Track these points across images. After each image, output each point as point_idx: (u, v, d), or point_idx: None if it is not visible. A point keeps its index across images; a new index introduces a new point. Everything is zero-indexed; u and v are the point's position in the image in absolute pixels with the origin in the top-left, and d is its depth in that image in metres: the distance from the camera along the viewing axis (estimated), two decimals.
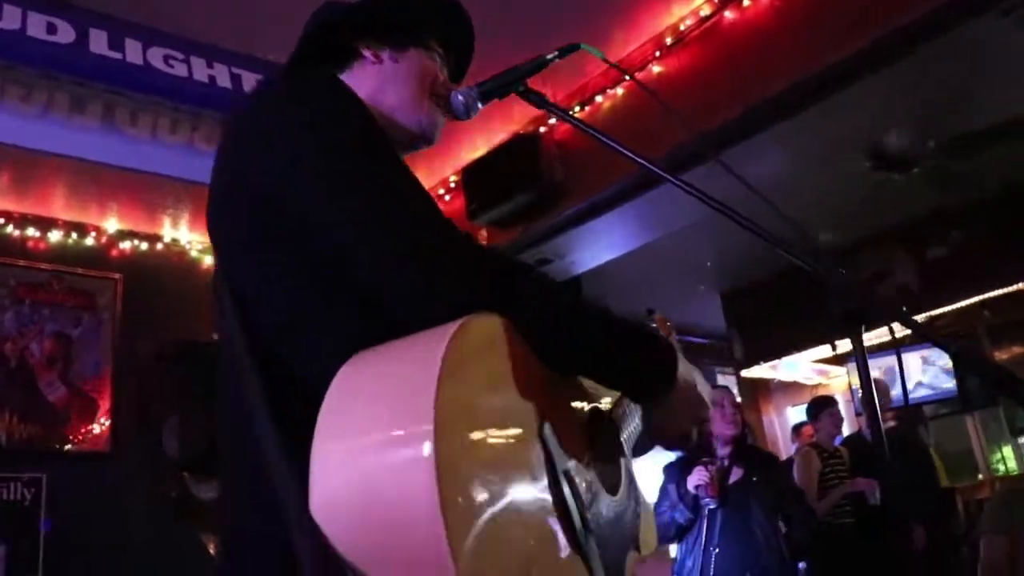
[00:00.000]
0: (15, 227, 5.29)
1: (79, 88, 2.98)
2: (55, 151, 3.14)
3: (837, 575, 4.99)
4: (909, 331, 1.42)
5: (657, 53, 4.41)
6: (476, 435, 0.94)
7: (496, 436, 0.99)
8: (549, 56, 1.55)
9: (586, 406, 1.34)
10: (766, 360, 7.35)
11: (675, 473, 4.16)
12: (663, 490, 4.22)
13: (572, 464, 1.13)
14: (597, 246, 5.50)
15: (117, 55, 2.76)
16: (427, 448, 0.84)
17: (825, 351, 7.17)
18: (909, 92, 4.37)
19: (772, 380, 8.13)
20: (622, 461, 1.42)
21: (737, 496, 3.99)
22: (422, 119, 1.47)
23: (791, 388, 8.56)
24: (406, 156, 1.36)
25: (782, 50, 3.84)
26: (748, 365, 7.52)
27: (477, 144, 5.26)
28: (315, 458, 0.90)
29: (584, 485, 1.16)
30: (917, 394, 6.95)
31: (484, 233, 5.22)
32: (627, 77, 4.34)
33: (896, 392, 6.17)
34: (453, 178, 5.46)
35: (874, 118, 4.64)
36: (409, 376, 0.93)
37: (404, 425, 0.88)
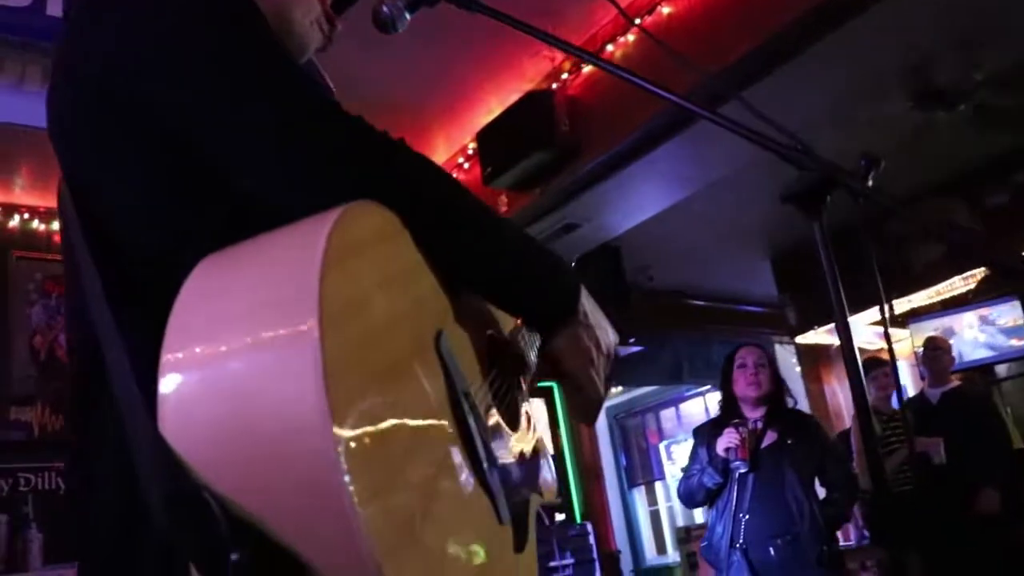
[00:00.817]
0: (40, 221, 5.35)
1: None
2: None
3: (896, 545, 4.66)
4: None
5: None
6: (368, 338, 0.74)
7: (390, 343, 0.80)
8: None
9: (485, 330, 1.18)
10: (820, 325, 6.98)
11: (705, 435, 3.93)
12: (693, 453, 4.00)
13: (472, 387, 0.98)
14: (626, 205, 5.26)
15: None
16: (312, 348, 0.64)
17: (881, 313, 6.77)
18: (944, 17, 4.03)
19: (831, 347, 7.75)
20: (519, 396, 1.29)
21: (770, 461, 3.72)
22: (317, 36, 1.28)
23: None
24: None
25: None
26: (802, 331, 7.17)
27: (492, 108, 5.09)
28: (164, 367, 0.69)
29: (484, 413, 1.02)
30: (976, 355, 6.51)
31: (504, 199, 5.05)
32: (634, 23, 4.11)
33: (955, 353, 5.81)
34: (472, 145, 5.30)
35: (909, 49, 4.30)
36: (284, 267, 0.73)
37: (281, 321, 0.67)
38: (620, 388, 9.95)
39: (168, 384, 0.68)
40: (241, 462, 0.65)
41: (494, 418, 1.10)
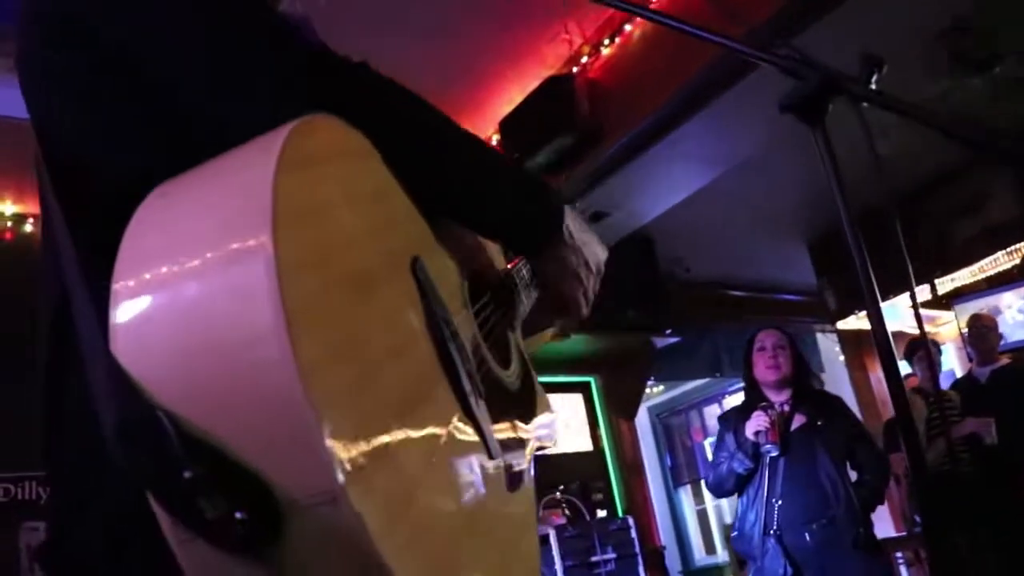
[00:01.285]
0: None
1: None
2: None
3: (958, 526, 4.50)
4: None
5: None
6: (329, 248, 0.69)
7: (356, 256, 0.74)
8: None
9: (472, 263, 1.14)
10: (861, 309, 6.80)
11: (732, 421, 3.84)
12: (720, 439, 3.90)
13: (453, 316, 0.93)
14: (654, 190, 5.19)
15: None
16: (265, 255, 0.59)
17: (924, 295, 6.58)
18: None
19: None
20: (511, 336, 1.25)
21: (801, 443, 3.61)
22: None
23: (897, 339, 7.88)
24: None
25: None
26: (843, 316, 7.00)
27: (513, 97, 5.05)
28: (115, 294, 0.65)
29: (469, 344, 0.98)
30: (1020, 336, 6.31)
31: None
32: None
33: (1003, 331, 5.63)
34: (495, 137, 5.27)
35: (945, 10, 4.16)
36: (235, 181, 0.68)
37: (232, 233, 0.62)
38: (661, 387, 9.83)
39: (120, 310, 0.64)
40: (197, 377, 0.61)
41: (482, 352, 1.05)
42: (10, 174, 5.03)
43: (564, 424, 7.19)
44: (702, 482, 10.02)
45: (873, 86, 1.08)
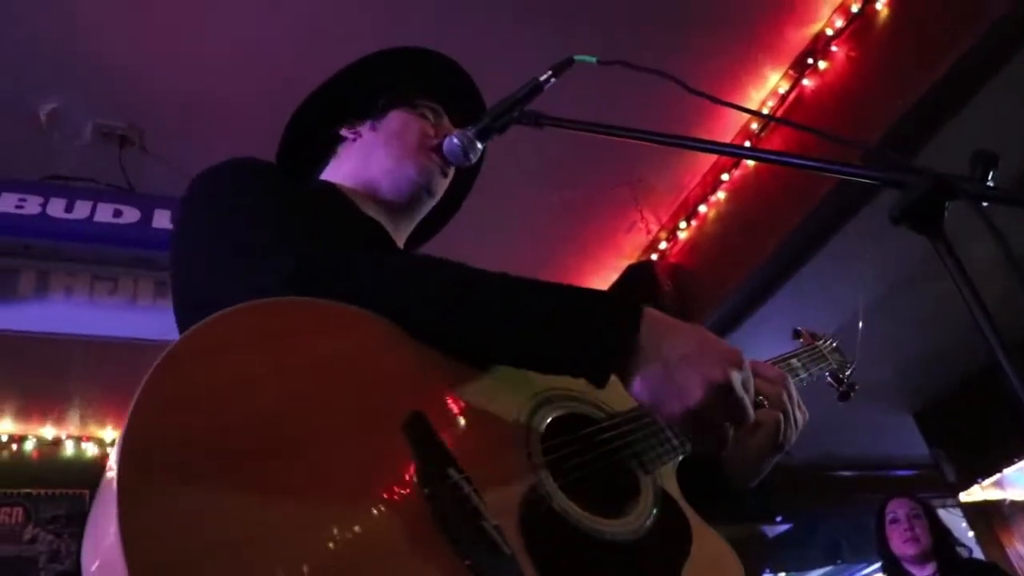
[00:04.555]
0: None
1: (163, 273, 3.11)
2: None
3: None
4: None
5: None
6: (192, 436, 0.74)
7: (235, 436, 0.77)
8: (542, 78, 1.39)
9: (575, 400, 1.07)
10: (984, 477, 6.36)
11: None
12: None
13: (472, 470, 0.87)
14: None
15: None
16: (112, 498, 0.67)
17: None
18: None
19: (1003, 502, 7.00)
20: (643, 478, 1.09)
21: None
22: (410, 174, 1.46)
23: None
24: (419, 210, 1.49)
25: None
26: (964, 488, 6.52)
27: (595, 287, 5.09)
28: None
29: (486, 492, 0.88)
30: None
31: None
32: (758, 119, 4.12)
33: None
34: None
35: None
36: None
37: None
38: None
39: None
40: None
41: (548, 500, 0.93)
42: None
43: None
44: None
45: (990, 183, 1.00)
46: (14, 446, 5.63)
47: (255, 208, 1.13)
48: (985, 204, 0.97)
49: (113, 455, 0.70)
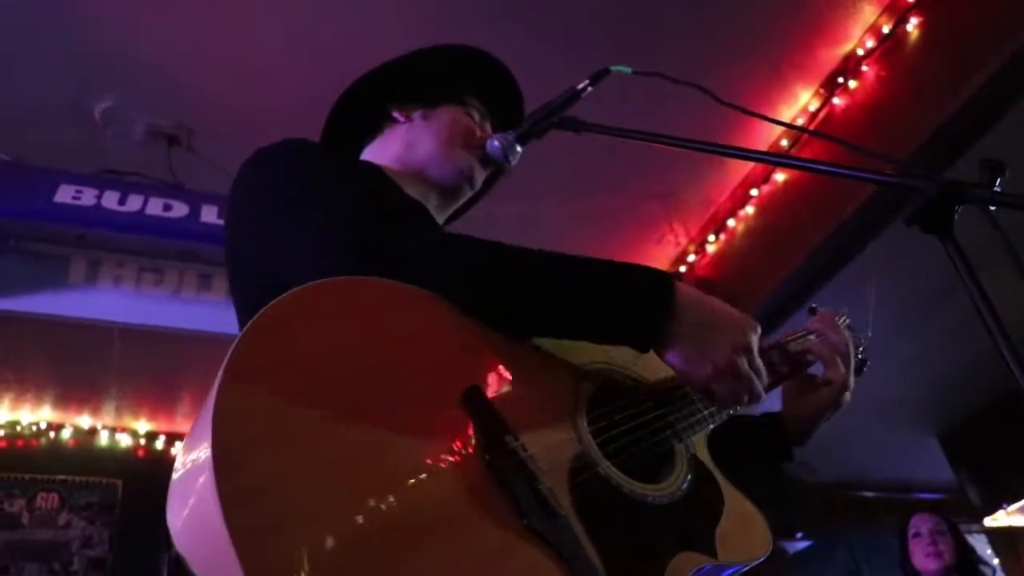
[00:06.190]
0: None
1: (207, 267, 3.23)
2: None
3: None
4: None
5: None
6: (283, 405, 0.81)
7: (321, 407, 0.84)
8: (580, 86, 1.47)
9: (584, 376, 1.15)
10: (1011, 501, 6.32)
11: None
12: None
13: (525, 437, 0.96)
14: None
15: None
16: (208, 463, 0.74)
17: None
18: None
19: None
20: (677, 447, 1.20)
21: None
22: (458, 165, 1.52)
23: None
24: (458, 199, 1.55)
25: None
26: (990, 513, 6.49)
27: None
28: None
29: (538, 458, 0.97)
30: None
31: None
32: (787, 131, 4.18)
33: None
34: None
35: None
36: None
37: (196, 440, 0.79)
38: None
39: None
40: (184, 535, 0.78)
41: (594, 465, 1.03)
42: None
43: None
44: None
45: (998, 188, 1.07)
46: (52, 434, 5.80)
47: (316, 190, 1.16)
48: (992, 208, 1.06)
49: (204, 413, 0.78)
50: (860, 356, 1.74)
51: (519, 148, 1.46)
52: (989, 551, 7.50)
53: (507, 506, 0.87)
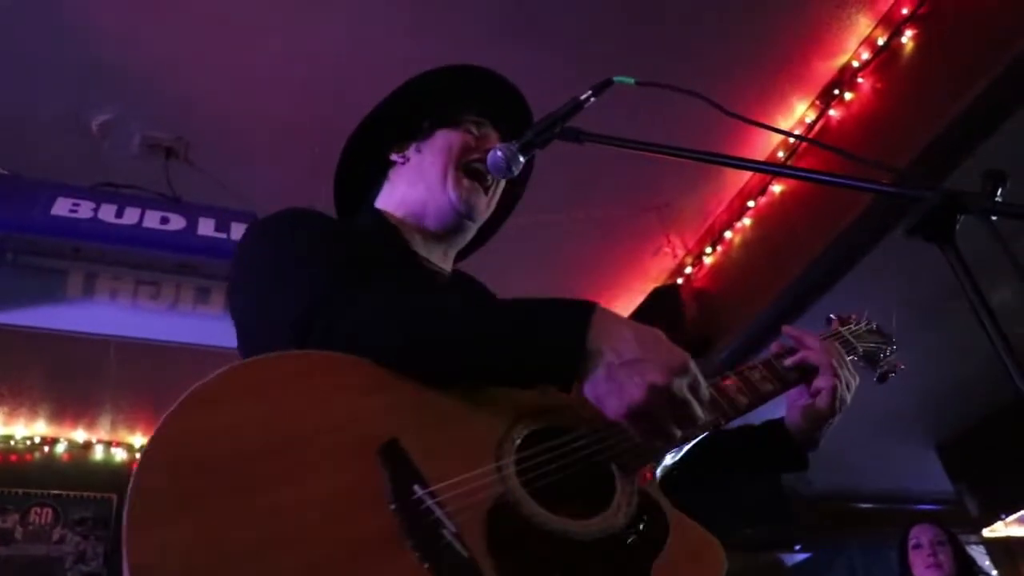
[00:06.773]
0: None
1: (205, 280, 3.22)
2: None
3: None
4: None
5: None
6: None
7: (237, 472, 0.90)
8: (583, 96, 1.45)
9: (506, 420, 1.12)
10: (1009, 512, 6.31)
11: None
12: None
13: (442, 482, 0.98)
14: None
15: (222, 235, 3.01)
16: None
17: None
18: None
19: None
20: (620, 479, 1.14)
21: None
22: (451, 196, 1.53)
23: None
24: (464, 235, 1.59)
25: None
26: (988, 524, 6.48)
27: (618, 311, 5.13)
28: None
29: (449, 503, 0.96)
30: None
31: None
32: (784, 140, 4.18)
33: None
34: None
35: None
36: None
37: None
38: None
39: None
40: None
41: (514, 505, 1.01)
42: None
43: None
44: None
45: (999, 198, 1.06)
46: (46, 448, 5.77)
47: (283, 261, 1.26)
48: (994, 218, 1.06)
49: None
50: (884, 360, 1.73)
51: (522, 158, 1.44)
52: (987, 562, 7.49)
53: (412, 553, 0.89)
